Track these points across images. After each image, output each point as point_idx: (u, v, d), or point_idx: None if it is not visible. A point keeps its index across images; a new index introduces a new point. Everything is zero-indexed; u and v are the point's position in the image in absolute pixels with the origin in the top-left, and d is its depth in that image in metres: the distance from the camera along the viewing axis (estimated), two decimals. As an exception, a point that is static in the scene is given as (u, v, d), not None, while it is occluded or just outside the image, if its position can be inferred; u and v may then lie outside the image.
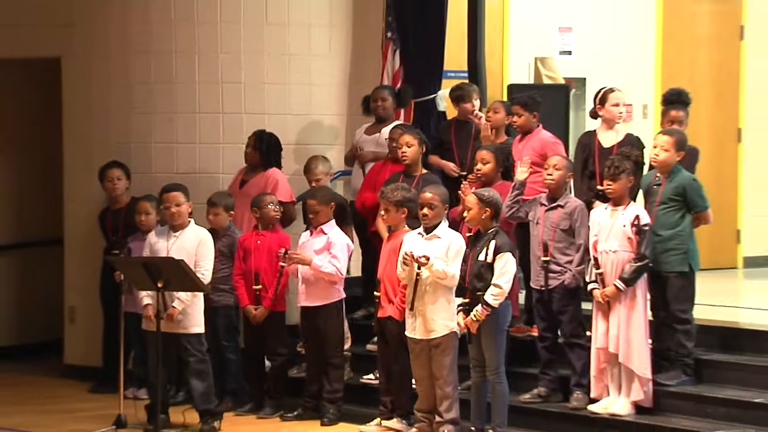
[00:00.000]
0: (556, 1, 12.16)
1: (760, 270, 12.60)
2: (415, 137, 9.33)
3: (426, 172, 9.33)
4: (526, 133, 9.40)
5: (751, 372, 8.50)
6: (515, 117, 9.40)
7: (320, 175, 9.65)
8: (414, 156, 9.30)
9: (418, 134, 9.42)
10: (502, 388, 8.33)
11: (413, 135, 9.37)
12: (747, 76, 13.13)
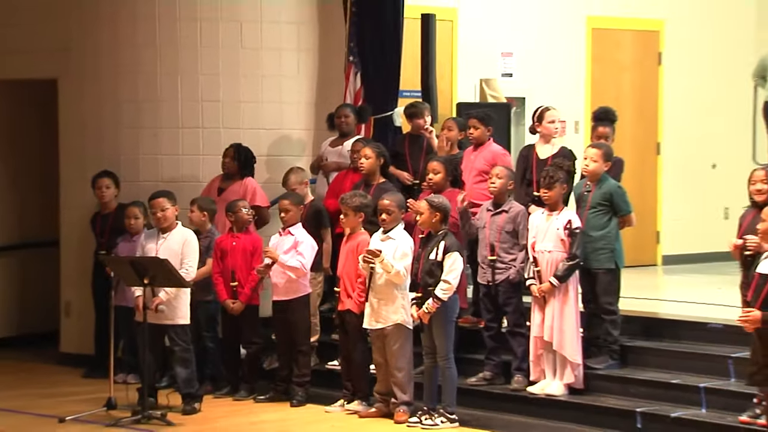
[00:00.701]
0: (499, 29, 12.15)
1: (677, 267, 12.67)
2: (373, 150, 9.33)
3: (383, 181, 9.32)
4: (479, 145, 9.41)
5: (670, 356, 8.58)
6: (471, 129, 9.41)
7: (294, 185, 9.58)
8: (371, 167, 9.29)
9: (377, 148, 9.41)
10: (451, 373, 8.34)
11: (372, 148, 9.36)
12: (665, 97, 13.21)
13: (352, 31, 10.63)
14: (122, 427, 8.36)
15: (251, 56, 10.55)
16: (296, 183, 9.60)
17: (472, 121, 9.44)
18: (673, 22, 13.16)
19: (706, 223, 12.57)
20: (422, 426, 8.25)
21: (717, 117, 13.10)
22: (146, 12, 10.40)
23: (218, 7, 10.46)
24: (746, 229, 7.55)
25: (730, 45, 13.24)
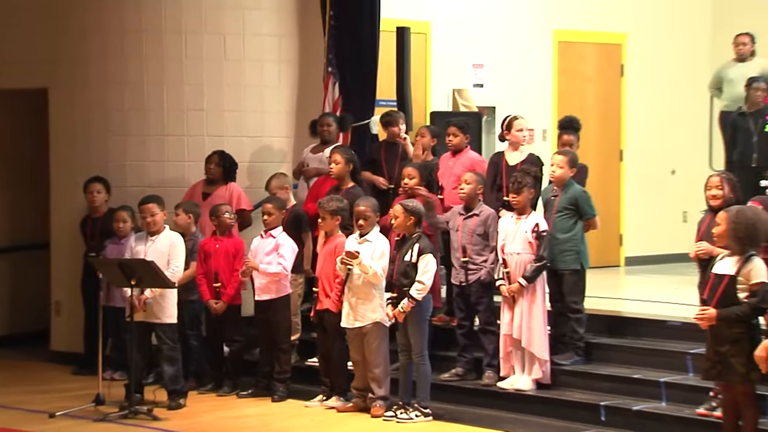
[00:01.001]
0: (471, 42, 12.18)
1: (639, 267, 12.73)
2: (342, 156, 9.34)
3: (352, 185, 9.33)
4: (457, 152, 9.43)
5: (632, 353, 8.62)
6: (450, 137, 9.43)
7: (275, 189, 9.56)
8: (339, 172, 9.31)
9: (346, 153, 9.41)
10: (426, 369, 8.34)
11: (341, 154, 9.38)
12: (627, 107, 13.28)
13: (330, 44, 10.63)
14: (110, 421, 8.32)
15: (234, 67, 10.53)
16: (278, 188, 9.58)
17: (452, 129, 9.48)
18: (634, 36, 13.23)
19: (666, 226, 12.63)
20: (397, 420, 8.25)
21: (676, 126, 13.18)
22: (133, 25, 10.36)
23: (202, 21, 10.43)
24: (704, 233, 7.59)
25: (687, 58, 13.32)
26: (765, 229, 6.90)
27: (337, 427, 8.23)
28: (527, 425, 8.08)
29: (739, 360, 6.79)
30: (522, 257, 8.44)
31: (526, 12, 12.55)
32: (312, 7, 10.76)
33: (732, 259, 6.90)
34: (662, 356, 8.41)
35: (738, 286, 6.80)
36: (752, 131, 10.02)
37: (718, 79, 11.22)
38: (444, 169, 9.43)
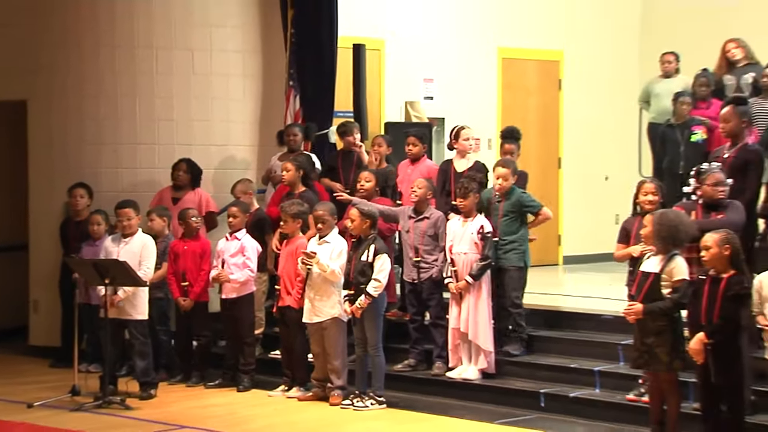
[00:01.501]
0: (422, 58, 12.19)
1: (575, 266, 12.80)
2: (292, 164, 9.34)
3: (304, 190, 9.31)
4: (415, 160, 9.45)
5: (569, 344, 8.68)
6: (410, 146, 9.46)
7: (239, 193, 9.56)
8: (291, 178, 9.32)
9: (296, 161, 9.39)
10: (380, 360, 8.35)
11: (292, 162, 9.38)
12: (564, 118, 13.35)
13: (291, 59, 10.62)
14: (85, 411, 8.25)
15: (202, 81, 10.49)
16: (242, 192, 9.56)
17: (411, 139, 9.54)
18: (570, 54, 13.32)
19: (599, 227, 12.67)
20: (354, 408, 8.24)
21: (609, 136, 13.27)
22: (108, 40, 10.29)
23: (172, 37, 10.39)
24: (634, 235, 7.65)
25: (618, 74, 13.41)
26: (686, 230, 7.00)
27: (298, 415, 8.21)
28: (474, 412, 8.09)
29: (663, 350, 6.88)
30: (468, 257, 8.47)
31: (472, 31, 12.58)
32: (274, 25, 10.73)
33: (657, 258, 6.97)
34: (596, 347, 8.46)
35: (662, 283, 6.88)
36: (679, 141, 10.09)
37: (646, 93, 11.30)
38: (403, 175, 9.46)
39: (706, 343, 6.61)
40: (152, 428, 7.82)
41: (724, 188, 7.42)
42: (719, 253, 6.64)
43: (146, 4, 10.32)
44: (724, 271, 6.65)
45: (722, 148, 8.14)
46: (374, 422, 7.96)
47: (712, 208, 7.40)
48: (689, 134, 10.02)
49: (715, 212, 7.38)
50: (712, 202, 7.40)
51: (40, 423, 7.96)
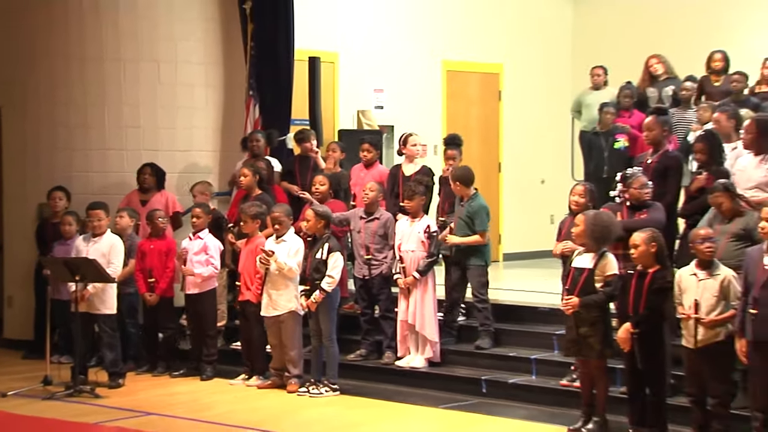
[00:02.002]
0: (372, 70, 12.20)
1: (514, 262, 12.84)
2: (249, 170, 9.31)
3: (260, 193, 9.26)
4: (369, 165, 9.48)
5: (508, 334, 8.68)
6: (365, 152, 9.47)
7: (196, 193, 9.57)
8: (248, 183, 9.27)
9: (252, 167, 9.35)
10: (334, 351, 8.34)
11: (248, 168, 9.34)
12: (504, 126, 13.41)
13: (251, 70, 10.57)
14: (57, 400, 8.17)
15: (167, 90, 10.41)
16: (200, 192, 9.56)
17: (367, 145, 9.55)
18: (509, 67, 13.40)
19: (536, 227, 12.78)
20: (310, 395, 8.24)
21: (544, 142, 13.35)
22: (78, 53, 10.18)
23: (139, 50, 10.30)
24: (565, 233, 7.71)
25: (552, 86, 13.50)
26: (615, 230, 7.09)
27: (257, 402, 8.18)
28: (421, 397, 8.12)
29: (595, 339, 6.94)
30: (416, 254, 8.49)
31: (419, 45, 12.61)
32: (235, 38, 10.68)
33: (588, 255, 7.04)
34: (533, 337, 8.51)
35: (595, 278, 6.94)
36: (604, 148, 10.20)
37: (577, 103, 11.40)
38: (356, 179, 9.45)
39: (632, 333, 6.70)
40: (120, 415, 7.75)
41: (649, 190, 7.51)
42: (646, 250, 6.72)
43: (114, 19, 10.22)
44: (650, 266, 6.73)
45: (645, 154, 8.22)
46: (328, 408, 7.95)
47: (637, 209, 7.48)
48: (613, 141, 10.14)
49: (639, 213, 7.46)
50: (637, 204, 7.48)
51: (14, 411, 7.87)
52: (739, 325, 6.42)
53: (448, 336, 8.66)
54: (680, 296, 6.70)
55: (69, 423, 7.53)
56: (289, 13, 10.60)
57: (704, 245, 6.66)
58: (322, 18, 11.70)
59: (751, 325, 6.32)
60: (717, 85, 10.22)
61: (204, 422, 7.51)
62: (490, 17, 13.19)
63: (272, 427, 7.34)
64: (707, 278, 6.61)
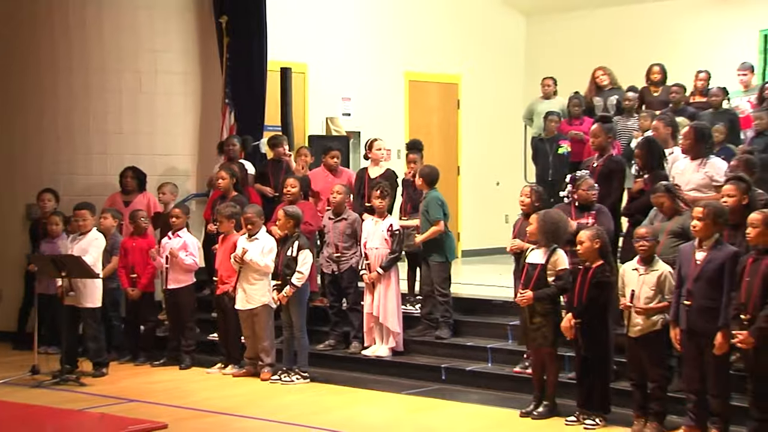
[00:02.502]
0: (340, 79, 12.19)
1: (472, 258, 12.87)
2: (226, 173, 9.26)
3: (236, 194, 9.22)
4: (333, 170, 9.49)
5: (466, 325, 8.68)
6: (336, 159, 9.48)
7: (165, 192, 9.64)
8: (225, 185, 9.22)
9: (229, 171, 9.31)
10: (304, 341, 8.34)
11: (225, 171, 9.30)
12: (462, 132, 13.46)
13: (227, 80, 10.55)
14: (44, 388, 8.11)
15: (148, 99, 10.36)
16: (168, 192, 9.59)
17: (336, 152, 9.57)
18: (467, 77, 13.45)
19: (492, 226, 12.83)
20: (282, 382, 8.22)
21: (499, 148, 13.39)
22: (64, 63, 10.11)
23: (122, 61, 10.24)
24: (519, 231, 7.76)
25: (507, 95, 13.53)
26: (565, 228, 7.14)
27: (233, 389, 8.16)
28: (385, 384, 8.12)
29: (547, 329, 6.99)
30: (380, 251, 8.50)
31: (383, 57, 12.63)
32: (211, 51, 10.65)
33: (540, 251, 7.09)
34: (489, 327, 8.53)
35: (547, 272, 6.99)
36: (548, 153, 10.29)
37: (529, 111, 11.45)
38: (324, 183, 9.39)
39: (574, 323, 6.76)
40: (104, 402, 7.70)
41: (595, 192, 7.58)
42: (591, 247, 6.78)
43: (99, 32, 10.16)
44: (594, 261, 6.80)
45: (591, 158, 8.30)
46: (299, 395, 7.94)
47: (585, 209, 7.53)
48: (556, 147, 10.22)
49: (587, 212, 7.51)
50: (585, 204, 7.55)
51: (3, 398, 7.79)
52: (673, 316, 6.51)
53: (428, 328, 8.63)
54: (623, 289, 6.77)
55: (55, 409, 7.47)
56: (262, 27, 10.58)
57: (638, 243, 6.74)
58: (293, 31, 11.69)
59: (684, 316, 6.41)
60: (656, 95, 10.36)
61: (183, 408, 7.48)
62: (449, 32, 13.23)
63: (247, 413, 7.33)
64: (647, 273, 6.69)
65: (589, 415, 6.81)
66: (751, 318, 6.10)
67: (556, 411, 7.03)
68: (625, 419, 6.78)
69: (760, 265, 6.14)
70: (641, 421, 6.67)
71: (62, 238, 9.11)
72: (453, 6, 13.28)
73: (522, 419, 7.03)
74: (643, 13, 12.72)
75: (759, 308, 6.09)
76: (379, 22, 12.65)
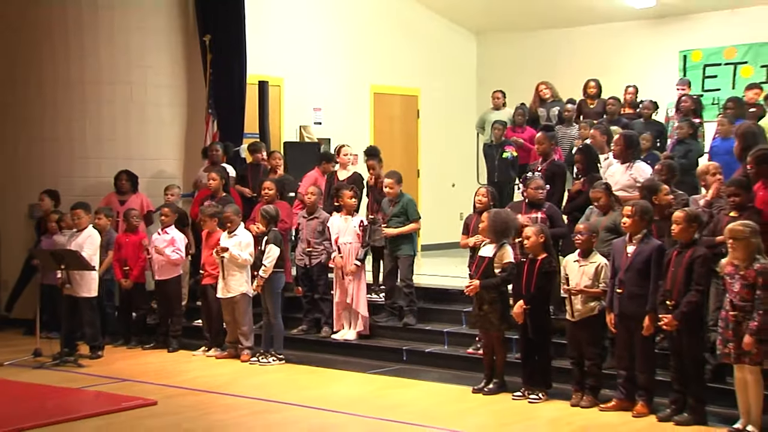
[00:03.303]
0: (312, 92, 12.13)
1: (430, 252, 12.84)
2: (217, 175, 9.24)
3: (224, 195, 9.21)
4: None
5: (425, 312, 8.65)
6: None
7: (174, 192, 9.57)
8: (216, 186, 9.21)
9: (220, 173, 9.30)
10: (280, 326, 8.34)
11: (216, 173, 9.27)
12: (421, 139, 13.46)
13: (210, 92, 10.47)
14: (45, 368, 8.05)
15: (139, 109, 10.27)
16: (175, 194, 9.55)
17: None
18: (425, 90, 13.45)
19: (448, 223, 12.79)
20: (260, 363, 8.21)
21: (454, 153, 13.40)
22: (63, 77, 10.01)
23: (115, 74, 10.15)
24: (473, 228, 7.80)
25: (461, 106, 13.57)
26: (513, 225, 7.19)
27: (216, 370, 8.13)
28: (353, 365, 8.13)
29: (495, 315, 7.03)
30: (353, 245, 8.46)
31: (351, 72, 12.61)
32: (197, 66, 10.57)
33: (491, 246, 7.14)
34: (445, 314, 8.54)
35: (495, 265, 7.05)
36: (495, 157, 10.38)
37: (481, 121, 11.51)
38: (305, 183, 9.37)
39: (524, 308, 6.82)
40: (100, 381, 7.66)
41: (543, 191, 7.64)
42: (537, 241, 6.85)
43: (95, 48, 10.07)
44: (539, 254, 6.87)
45: (536, 162, 8.39)
46: (275, 374, 7.93)
47: (534, 206, 7.59)
48: (502, 152, 10.29)
49: (535, 209, 7.56)
50: (534, 202, 7.60)
51: (8, 378, 7.73)
52: (608, 302, 6.60)
53: (391, 315, 8.60)
54: (565, 278, 6.84)
55: (56, 388, 7.43)
56: (242, 44, 10.54)
57: (576, 238, 6.84)
58: (270, 48, 11.63)
59: (617, 302, 6.50)
60: (592, 107, 10.46)
61: (171, 387, 7.45)
62: (410, 49, 13.24)
63: (229, 391, 7.30)
64: (586, 264, 6.77)
65: (533, 390, 6.88)
66: (675, 303, 6.22)
67: (505, 387, 7.08)
68: (565, 393, 6.85)
69: (683, 257, 6.26)
70: (579, 395, 6.76)
71: (60, 234, 9.02)
72: (412, 26, 13.30)
73: (474, 395, 7.07)
74: (580, 35, 12.85)
75: (682, 295, 6.20)
76: (348, 41, 12.63)
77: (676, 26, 12.05)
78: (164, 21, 10.43)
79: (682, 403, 6.29)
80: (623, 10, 12.15)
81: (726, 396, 6.24)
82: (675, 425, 6.20)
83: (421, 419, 6.39)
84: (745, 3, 11.33)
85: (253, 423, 6.44)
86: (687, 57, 11.87)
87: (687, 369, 6.28)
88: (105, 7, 10.05)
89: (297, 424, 6.41)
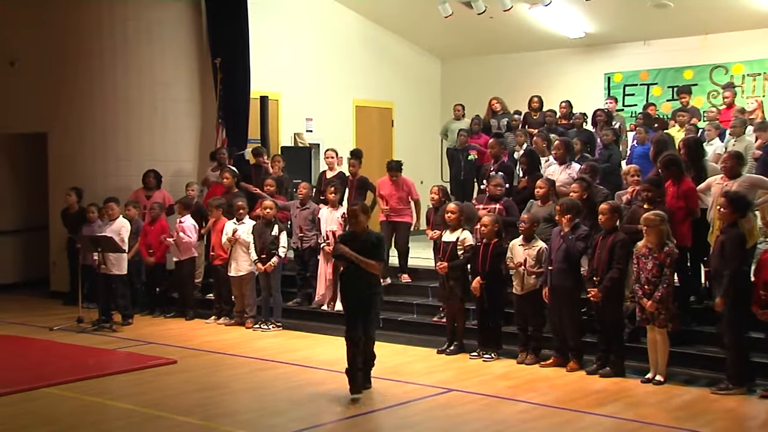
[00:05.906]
0: (304, 105, 12.04)
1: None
2: (230, 174, 9.21)
3: (237, 191, 9.16)
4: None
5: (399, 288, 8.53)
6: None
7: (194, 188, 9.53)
8: (229, 183, 9.18)
9: (232, 172, 9.27)
10: (279, 299, 8.35)
11: (229, 173, 9.24)
12: (395, 144, 13.41)
13: (220, 105, 10.39)
14: (86, 333, 8.08)
15: (161, 119, 10.20)
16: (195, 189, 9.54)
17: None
18: (399, 104, 13.38)
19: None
20: (261, 330, 8.21)
21: (423, 156, 13.23)
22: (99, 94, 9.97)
23: (142, 91, 10.08)
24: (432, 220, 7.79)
25: (427, 116, 13.49)
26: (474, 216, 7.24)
27: (225, 335, 8.12)
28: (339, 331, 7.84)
29: (458, 290, 7.07)
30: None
31: (337, 88, 12.51)
32: (209, 83, 10.48)
33: (455, 233, 7.16)
34: (415, 289, 8.52)
35: (458, 248, 7.07)
36: (460, 159, 10.39)
37: (444, 129, 11.52)
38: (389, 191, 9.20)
39: (481, 283, 6.86)
40: (130, 344, 7.66)
41: (502, 188, 7.70)
42: (492, 229, 6.91)
43: (125, 70, 10.02)
44: (492, 239, 6.92)
45: (489, 164, 8.43)
46: (275, 339, 7.94)
47: (493, 199, 7.63)
48: (466, 155, 10.31)
49: (494, 202, 7.59)
50: (494, 196, 7.64)
51: (57, 340, 7.77)
52: (544, 279, 6.67)
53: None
54: (512, 259, 6.90)
55: (95, 348, 7.45)
56: (246, 66, 10.46)
57: (519, 225, 6.95)
58: (270, 69, 11.55)
59: (549, 277, 6.56)
60: (535, 118, 10.53)
61: (188, 348, 7.45)
62: (386, 70, 13.20)
63: (235, 352, 7.32)
64: (529, 248, 6.83)
65: (487, 351, 6.94)
66: (600, 279, 6.29)
67: (463, 349, 7.12)
68: (513, 353, 6.92)
69: (607, 241, 6.33)
70: (524, 354, 6.83)
71: (97, 223, 8.95)
72: (388, 51, 13.26)
73: (438, 355, 7.12)
74: (525, 59, 12.88)
75: (605, 272, 6.27)
76: (334, 63, 12.56)
77: (601, 54, 12.21)
78: (182, 48, 10.37)
79: (606, 359, 6.38)
80: (560, 40, 12.29)
81: (640, 353, 6.36)
82: (600, 377, 6.32)
83: (393, 375, 6.43)
84: (656, 35, 11.60)
85: (253, 378, 6.47)
86: (610, 78, 12.11)
87: (609, 332, 6.37)
88: (134, 40, 10.06)
89: (289, 379, 6.44)
